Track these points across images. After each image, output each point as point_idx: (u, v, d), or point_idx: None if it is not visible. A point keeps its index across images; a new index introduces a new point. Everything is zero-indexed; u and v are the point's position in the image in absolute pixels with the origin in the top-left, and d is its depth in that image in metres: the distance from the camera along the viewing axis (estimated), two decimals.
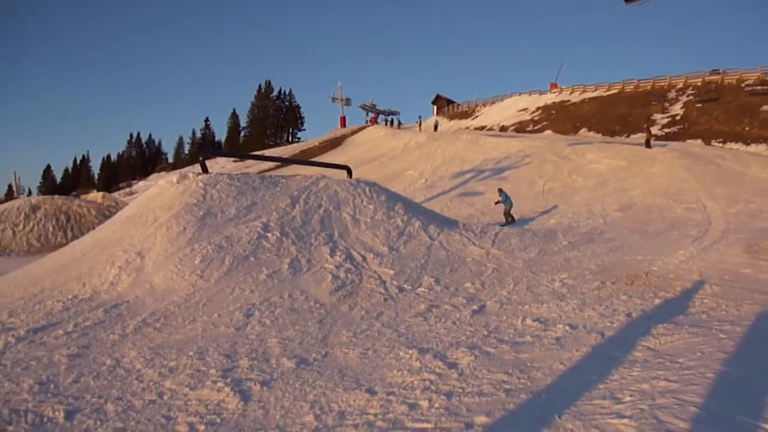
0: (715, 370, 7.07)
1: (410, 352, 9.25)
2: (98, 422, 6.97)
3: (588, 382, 7.26)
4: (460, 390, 7.50)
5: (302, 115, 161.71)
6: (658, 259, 15.21)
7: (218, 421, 6.96)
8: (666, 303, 11.33)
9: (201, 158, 23.40)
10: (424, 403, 7.11)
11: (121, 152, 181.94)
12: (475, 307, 12.17)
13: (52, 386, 8.19)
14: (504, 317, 11.22)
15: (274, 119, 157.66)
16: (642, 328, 9.56)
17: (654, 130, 47.26)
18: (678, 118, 52.33)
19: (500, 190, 28.55)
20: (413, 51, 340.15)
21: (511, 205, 27.45)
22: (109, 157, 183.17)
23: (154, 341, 10.22)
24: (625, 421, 5.87)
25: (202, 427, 6.75)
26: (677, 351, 8.19)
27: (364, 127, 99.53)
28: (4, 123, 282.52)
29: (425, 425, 6.47)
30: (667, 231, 20.84)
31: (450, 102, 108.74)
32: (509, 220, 27.24)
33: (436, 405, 7.04)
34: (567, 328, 9.99)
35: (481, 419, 6.47)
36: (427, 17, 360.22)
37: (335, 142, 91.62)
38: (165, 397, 7.74)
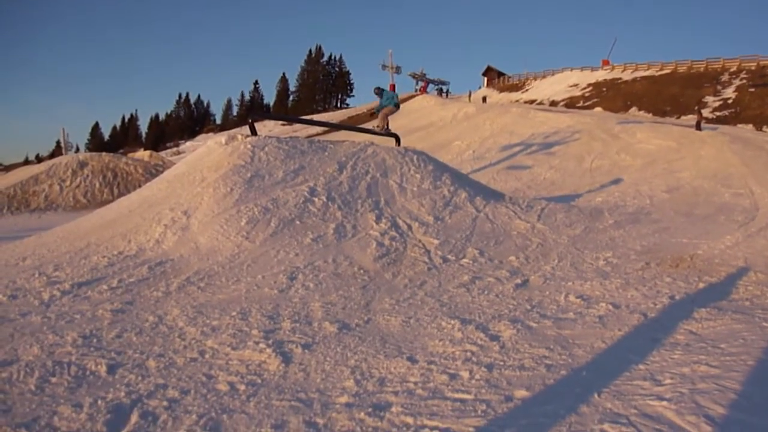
0: (757, 358, 6.99)
1: (452, 322, 9.20)
2: (140, 377, 7.01)
3: (629, 362, 7.18)
4: (501, 363, 7.44)
5: (351, 82, 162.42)
6: (703, 243, 14.97)
7: (259, 381, 6.96)
8: (710, 287, 11.16)
9: (250, 120, 23.28)
10: (465, 374, 7.07)
11: (169, 112, 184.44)
12: (518, 280, 12.06)
13: (95, 340, 8.26)
14: (547, 292, 11.12)
15: (323, 84, 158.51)
16: (685, 312, 9.42)
17: (705, 112, 46.83)
18: (730, 101, 51.90)
19: (379, 90, 24.66)
20: (465, 21, 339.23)
21: (395, 107, 24.46)
22: (157, 116, 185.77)
23: (197, 300, 10.28)
24: (664, 403, 5.81)
25: (242, 387, 6.76)
26: (719, 336, 8.08)
27: (413, 96, 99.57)
28: (54, 80, 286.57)
29: (465, 396, 6.42)
30: (714, 215, 20.52)
31: (501, 74, 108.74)
32: (379, 127, 24.50)
33: (477, 376, 6.99)
34: (610, 306, 9.86)
35: (521, 393, 6.41)
36: None
37: None
38: (206, 356, 7.77)
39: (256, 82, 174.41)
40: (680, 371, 6.70)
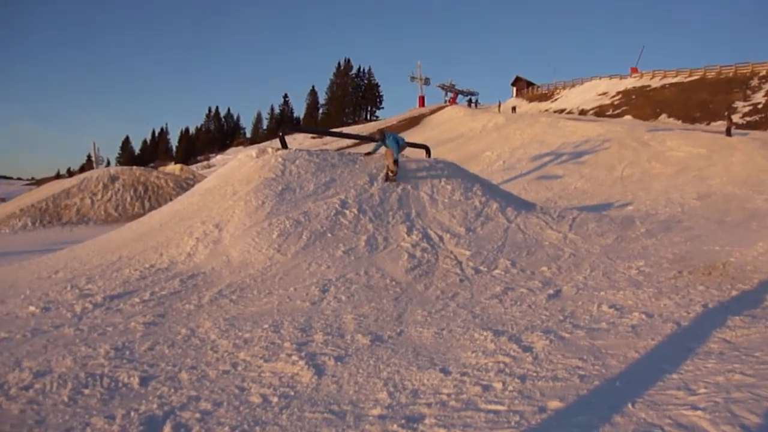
0: None
1: (485, 333, 9.15)
2: (172, 390, 7.04)
3: (662, 371, 7.11)
4: (534, 374, 7.39)
5: (381, 94, 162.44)
6: (736, 250, 14.80)
7: (292, 393, 6.96)
8: (743, 295, 11.01)
9: (281, 134, 23.40)
10: (498, 386, 7.01)
11: (199, 126, 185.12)
12: (551, 291, 12.01)
13: (127, 352, 8.33)
14: (580, 303, 11.04)
15: (352, 97, 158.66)
16: (718, 320, 9.31)
17: (735, 118, 46.42)
18: (760, 106, 51.47)
19: (380, 134, 19.51)
20: (494, 31, 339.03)
21: (400, 147, 18.87)
22: (187, 130, 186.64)
23: (229, 313, 10.34)
24: (699, 413, 5.73)
25: (275, 399, 6.76)
26: (753, 345, 7.98)
27: (442, 107, 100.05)
28: (85, 94, 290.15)
29: (498, 407, 6.38)
30: (746, 222, 20.32)
31: (530, 84, 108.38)
32: (389, 174, 18.72)
33: (510, 388, 6.94)
34: (643, 316, 9.78)
35: (555, 404, 6.36)
36: None
37: (413, 121, 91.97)
38: (239, 368, 7.79)
39: (286, 96, 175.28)
40: (714, 380, 6.62)
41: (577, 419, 6.00)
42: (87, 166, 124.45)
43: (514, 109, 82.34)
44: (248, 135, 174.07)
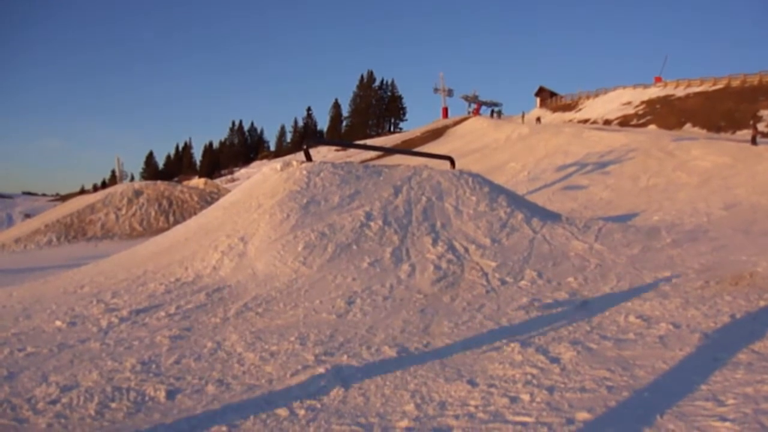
0: None
1: (512, 345, 9.07)
2: (199, 403, 7.03)
3: (691, 382, 7.04)
4: (562, 385, 7.33)
5: (404, 106, 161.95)
6: (763, 260, 14.54)
7: (318, 406, 6.93)
8: None
9: (305, 147, 23.41)
10: (526, 397, 6.97)
11: (223, 139, 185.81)
12: (577, 302, 11.95)
13: (153, 366, 8.34)
14: (607, 313, 10.92)
15: (376, 109, 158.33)
16: (746, 330, 9.21)
17: (761, 126, 45.96)
18: None
19: None
20: (517, 42, 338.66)
21: None
22: (211, 144, 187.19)
23: (255, 326, 10.33)
24: (727, 424, 5.68)
25: (302, 412, 6.73)
26: None
27: (466, 118, 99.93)
28: (109, 110, 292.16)
29: (526, 419, 6.33)
30: None
31: (553, 94, 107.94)
32: None
33: (538, 399, 6.89)
34: (670, 326, 9.66)
35: (583, 415, 6.31)
36: (531, 8, 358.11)
37: (437, 133, 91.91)
38: (265, 381, 7.77)
39: (309, 109, 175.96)
40: (743, 391, 6.56)
41: (606, 431, 5.95)
42: (111, 181, 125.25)
43: (538, 119, 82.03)
44: (272, 148, 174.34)
